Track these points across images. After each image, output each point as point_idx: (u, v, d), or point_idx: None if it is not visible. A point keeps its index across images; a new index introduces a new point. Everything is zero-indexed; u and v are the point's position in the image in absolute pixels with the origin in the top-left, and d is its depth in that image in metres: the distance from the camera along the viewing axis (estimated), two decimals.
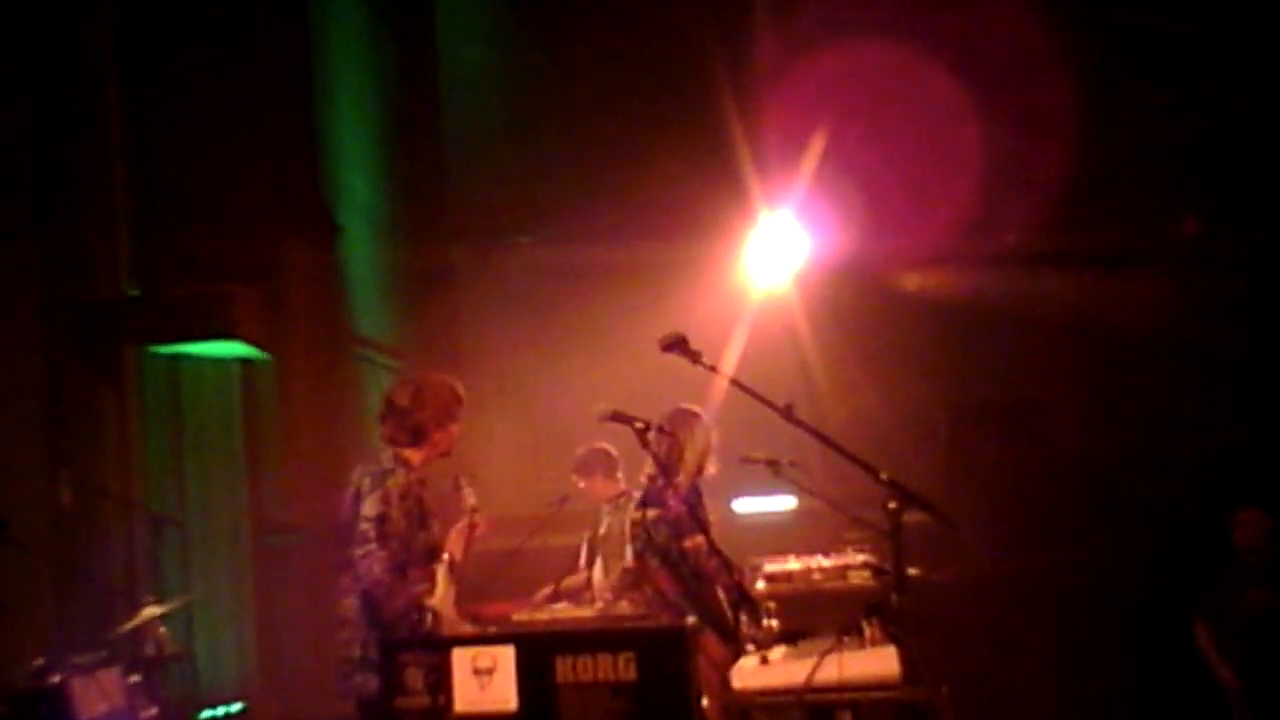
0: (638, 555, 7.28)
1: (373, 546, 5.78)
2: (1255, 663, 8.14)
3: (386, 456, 6.03)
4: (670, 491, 7.08)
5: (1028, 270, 11.11)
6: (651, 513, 7.13)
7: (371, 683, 5.77)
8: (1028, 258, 11.16)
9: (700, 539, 6.96)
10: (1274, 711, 8.14)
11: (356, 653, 5.88)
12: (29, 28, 7.57)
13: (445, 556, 6.05)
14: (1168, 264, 11.04)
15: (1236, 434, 10.13)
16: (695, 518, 6.98)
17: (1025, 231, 11.23)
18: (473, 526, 6.15)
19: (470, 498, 6.21)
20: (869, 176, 11.04)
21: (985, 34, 10.98)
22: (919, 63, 11.02)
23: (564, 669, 4.70)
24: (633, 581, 7.27)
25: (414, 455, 6.08)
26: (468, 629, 6.02)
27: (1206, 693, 8.33)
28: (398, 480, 5.92)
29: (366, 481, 5.91)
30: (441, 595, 5.99)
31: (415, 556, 5.94)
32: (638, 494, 7.39)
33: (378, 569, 5.76)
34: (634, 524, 7.32)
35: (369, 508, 5.84)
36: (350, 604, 5.93)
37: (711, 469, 7.16)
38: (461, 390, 6.25)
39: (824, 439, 4.83)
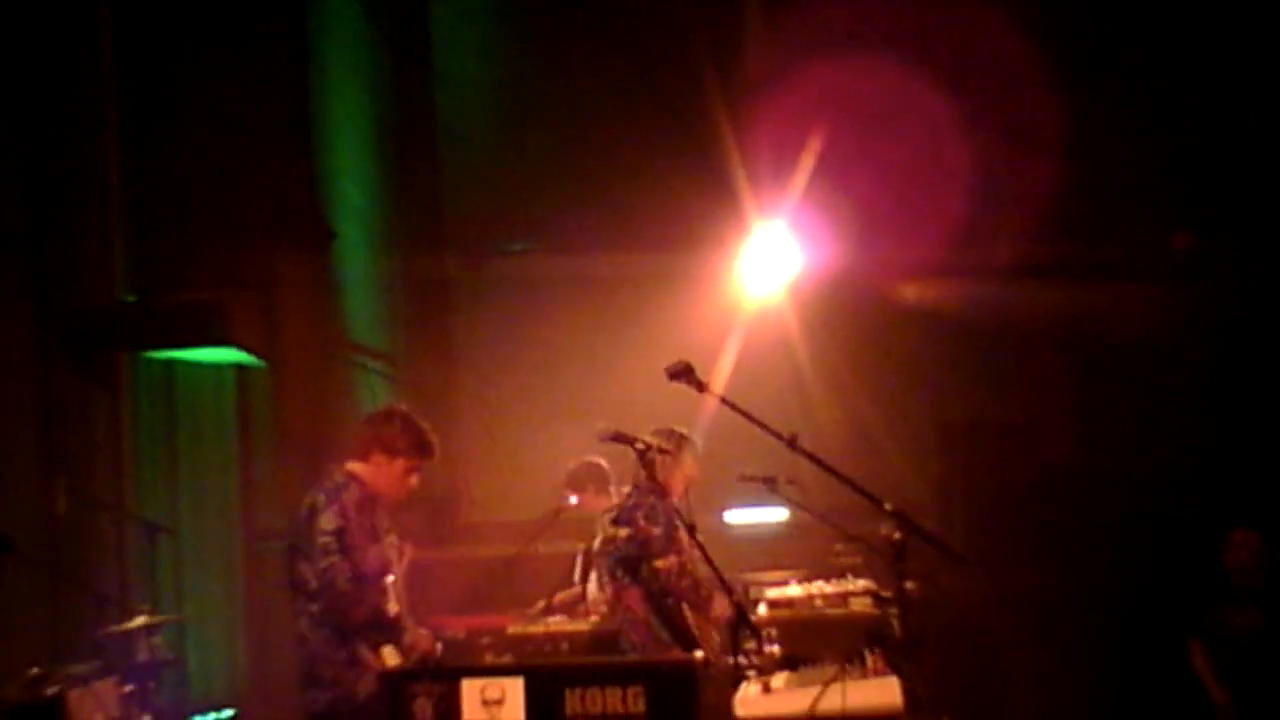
0: (610, 572, 7.35)
1: (335, 559, 5.87)
2: (1244, 684, 8.19)
3: (339, 473, 6.10)
4: (638, 511, 7.16)
5: (1019, 283, 11.12)
6: (623, 531, 7.18)
7: (322, 698, 5.87)
8: (1019, 271, 11.16)
9: (673, 559, 7.03)
10: None
11: (305, 669, 5.97)
12: (27, 34, 7.55)
13: (391, 576, 6.15)
14: (1160, 278, 11.07)
15: (1231, 450, 10.12)
16: (671, 538, 7.05)
17: (1017, 245, 11.24)
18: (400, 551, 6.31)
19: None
20: (861, 188, 11.05)
21: (977, 46, 11.01)
22: (911, 75, 11.05)
23: (573, 701, 4.69)
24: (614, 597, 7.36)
25: (361, 471, 6.13)
26: (426, 636, 6.13)
27: (1199, 711, 8.36)
28: (352, 494, 5.99)
29: (321, 498, 5.96)
30: (395, 608, 6.09)
31: (370, 570, 6.02)
32: (613, 511, 7.45)
33: (340, 581, 5.84)
34: (606, 540, 7.38)
35: (326, 521, 5.91)
36: (302, 623, 6.00)
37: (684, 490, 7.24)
38: (434, 446, 6.31)
39: (827, 468, 4.86)
